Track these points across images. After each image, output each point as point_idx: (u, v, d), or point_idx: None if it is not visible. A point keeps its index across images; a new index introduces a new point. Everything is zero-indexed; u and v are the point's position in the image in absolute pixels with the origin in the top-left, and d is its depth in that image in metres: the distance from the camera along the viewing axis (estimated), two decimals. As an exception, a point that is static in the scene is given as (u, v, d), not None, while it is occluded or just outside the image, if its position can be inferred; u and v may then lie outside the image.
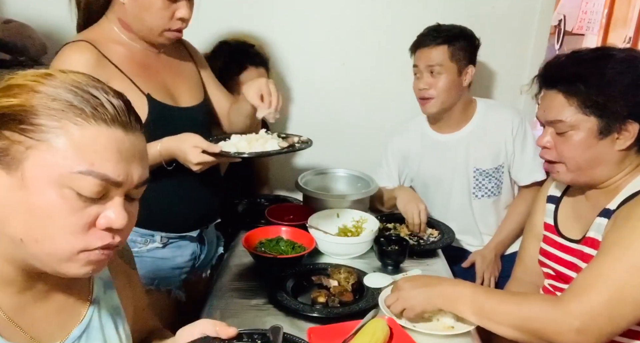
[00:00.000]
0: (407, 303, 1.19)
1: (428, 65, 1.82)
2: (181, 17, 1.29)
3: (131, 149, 0.67)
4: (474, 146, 1.89)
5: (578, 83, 1.12)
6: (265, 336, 0.90)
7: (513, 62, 2.20)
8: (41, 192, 0.62)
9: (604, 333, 1.01)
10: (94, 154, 0.63)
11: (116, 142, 0.65)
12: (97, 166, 0.63)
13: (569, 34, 4.23)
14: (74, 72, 0.68)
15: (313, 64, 2.21)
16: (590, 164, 1.15)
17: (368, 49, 2.19)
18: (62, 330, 0.76)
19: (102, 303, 0.82)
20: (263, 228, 1.64)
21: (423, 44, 1.84)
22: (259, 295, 1.38)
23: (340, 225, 1.71)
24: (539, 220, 1.38)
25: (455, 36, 1.82)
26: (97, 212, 0.65)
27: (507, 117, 1.87)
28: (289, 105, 2.28)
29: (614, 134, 1.11)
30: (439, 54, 1.81)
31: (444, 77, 1.81)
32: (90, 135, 0.63)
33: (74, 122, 0.63)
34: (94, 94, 0.65)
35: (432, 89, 1.82)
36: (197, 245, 1.52)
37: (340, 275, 1.41)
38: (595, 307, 1.00)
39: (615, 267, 1.01)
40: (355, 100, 2.25)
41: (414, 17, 2.08)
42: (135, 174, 0.68)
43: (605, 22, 3.96)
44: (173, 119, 1.35)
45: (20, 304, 0.70)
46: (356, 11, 2.16)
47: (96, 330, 0.79)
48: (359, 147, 2.23)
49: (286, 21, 2.16)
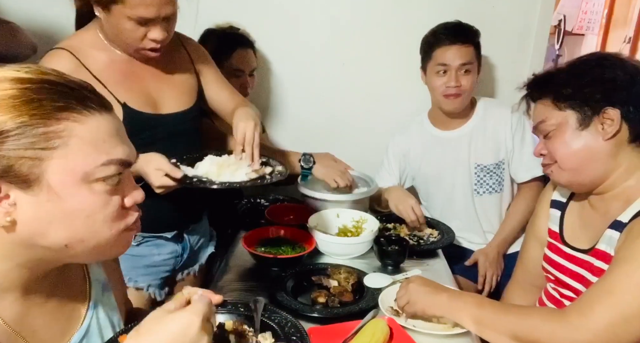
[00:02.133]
0: (412, 297, 1.20)
1: (462, 64, 1.83)
2: (153, 39, 1.27)
3: (121, 126, 0.70)
4: (474, 142, 1.91)
5: (550, 84, 1.19)
6: (248, 306, 0.95)
7: (513, 62, 2.20)
8: (73, 195, 0.64)
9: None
10: (104, 143, 0.66)
11: (112, 125, 0.68)
12: (112, 154, 0.66)
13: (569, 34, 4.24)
14: (17, 67, 0.64)
15: (313, 64, 2.21)
16: (581, 160, 1.14)
17: (368, 49, 2.19)
18: (63, 336, 0.75)
19: (100, 306, 0.82)
20: (263, 228, 1.65)
21: (451, 42, 1.83)
22: (259, 295, 1.37)
23: (340, 225, 1.71)
24: (542, 225, 1.37)
25: (476, 35, 1.88)
26: (122, 195, 0.69)
27: (506, 114, 1.90)
28: (289, 105, 2.28)
29: (596, 124, 1.12)
30: (470, 53, 1.84)
31: (472, 75, 1.85)
32: (93, 127, 0.65)
33: (73, 119, 0.63)
34: (65, 83, 0.65)
35: (462, 86, 1.84)
36: (177, 245, 1.51)
37: (340, 275, 1.41)
38: (601, 322, 0.97)
39: (625, 282, 0.98)
40: (355, 100, 2.25)
41: (415, 17, 2.08)
42: (133, 149, 0.71)
43: (605, 22, 3.96)
44: (150, 127, 1.35)
45: (20, 312, 0.70)
46: (356, 11, 2.16)
47: (95, 335, 0.79)
48: (359, 147, 2.23)
49: (286, 21, 2.16)
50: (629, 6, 3.72)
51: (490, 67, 2.22)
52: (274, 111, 2.29)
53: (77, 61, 1.27)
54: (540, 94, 1.21)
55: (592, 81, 1.12)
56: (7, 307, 0.68)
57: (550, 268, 1.30)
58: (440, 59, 1.85)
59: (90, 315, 0.79)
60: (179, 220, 1.50)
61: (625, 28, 3.71)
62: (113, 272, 0.90)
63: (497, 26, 2.14)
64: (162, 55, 1.37)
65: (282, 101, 2.28)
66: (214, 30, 1.96)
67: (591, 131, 1.12)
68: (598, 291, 1.02)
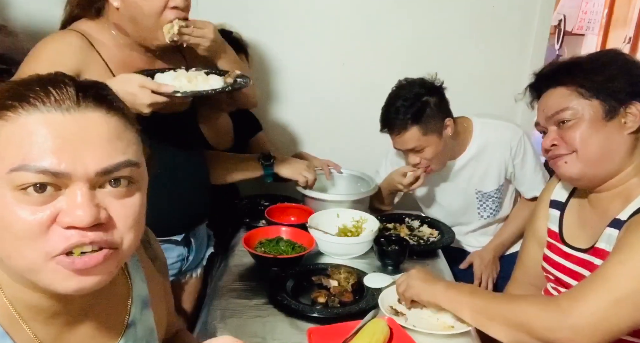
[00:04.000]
0: (410, 282, 1.26)
1: (408, 149, 1.72)
2: (175, 6, 1.23)
3: (80, 131, 0.57)
4: (473, 171, 1.84)
5: (575, 71, 1.14)
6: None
7: (513, 62, 2.20)
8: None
9: (598, 333, 0.98)
10: (28, 146, 0.55)
11: (54, 127, 0.56)
12: (31, 159, 0.55)
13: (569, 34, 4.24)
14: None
15: (313, 64, 2.21)
16: (603, 150, 1.12)
17: (368, 49, 2.19)
18: None
19: (138, 326, 0.77)
20: (263, 228, 1.65)
21: (392, 131, 1.70)
22: (259, 295, 1.38)
23: (340, 225, 1.71)
24: (541, 225, 1.36)
25: (419, 111, 1.65)
26: (55, 211, 0.57)
27: (505, 138, 1.79)
28: (289, 105, 2.28)
29: (620, 118, 1.10)
30: (414, 136, 1.67)
31: (428, 149, 1.69)
32: (20, 127, 0.56)
33: (4, 118, 0.57)
34: (21, 80, 0.59)
35: (423, 161, 1.72)
36: (183, 248, 1.50)
37: (340, 276, 1.41)
38: (591, 306, 0.98)
39: (619, 269, 0.99)
40: (355, 100, 2.25)
41: (415, 17, 2.09)
42: (89, 160, 0.57)
43: (605, 22, 3.96)
44: (157, 126, 1.31)
45: (53, 333, 0.66)
46: (357, 11, 2.16)
47: None
48: (359, 147, 2.23)
49: (286, 21, 2.16)
50: (629, 6, 3.72)
51: (490, 68, 2.22)
52: (274, 111, 2.29)
53: (89, 43, 1.23)
54: (561, 81, 1.15)
55: (620, 73, 1.10)
56: (39, 327, 0.65)
57: (550, 268, 1.30)
58: (393, 144, 1.76)
59: (127, 336, 0.75)
60: (187, 221, 1.49)
61: (625, 28, 3.71)
62: (157, 287, 0.84)
63: (497, 26, 2.14)
64: (166, 57, 1.37)
65: (282, 101, 2.28)
66: None
67: (615, 123, 1.10)
68: (591, 279, 1.03)
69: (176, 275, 1.52)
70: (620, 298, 0.97)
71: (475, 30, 2.12)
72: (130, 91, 1.14)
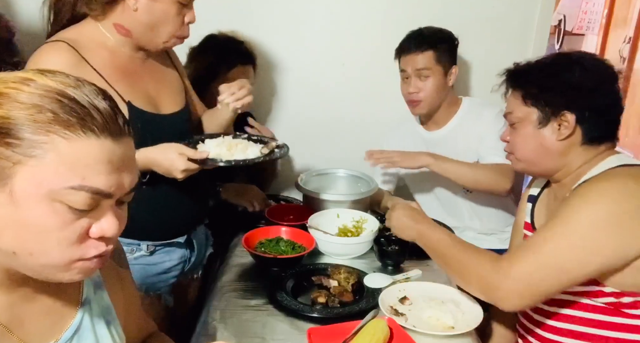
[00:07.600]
0: (393, 214, 1.44)
1: (416, 69, 1.86)
2: (190, 21, 1.31)
3: (122, 157, 0.65)
4: (456, 141, 1.93)
5: (521, 80, 1.27)
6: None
7: (513, 62, 2.19)
8: (32, 207, 0.61)
9: (526, 294, 1.10)
10: (85, 168, 0.62)
11: (107, 153, 0.63)
12: (88, 180, 0.62)
13: (569, 34, 4.23)
14: (53, 73, 0.65)
15: (313, 64, 2.21)
16: (535, 154, 1.24)
17: (368, 49, 2.19)
18: (53, 331, 0.75)
19: (92, 304, 0.81)
20: (263, 228, 1.65)
21: (409, 50, 1.88)
22: (259, 295, 1.38)
23: (340, 225, 1.71)
24: (521, 220, 1.44)
25: (439, 40, 1.87)
26: (89, 223, 0.65)
27: (489, 113, 1.89)
28: (289, 105, 2.29)
29: (554, 124, 1.20)
30: (426, 59, 1.85)
31: (432, 80, 1.86)
32: (80, 148, 0.61)
33: (62, 135, 0.60)
34: (80, 101, 0.62)
35: (421, 92, 1.88)
36: (186, 249, 1.50)
37: (340, 276, 1.41)
38: (521, 270, 1.09)
39: (546, 236, 1.11)
40: (355, 100, 2.26)
41: (414, 17, 2.08)
42: (126, 182, 0.66)
43: (605, 22, 3.96)
44: (154, 127, 1.33)
45: (7, 305, 0.69)
46: (356, 11, 2.16)
47: (88, 331, 0.79)
48: (359, 147, 2.21)
49: (286, 21, 2.16)
50: (629, 6, 3.71)
51: (490, 68, 2.20)
52: (274, 111, 2.30)
53: (78, 55, 1.22)
54: (515, 85, 1.28)
55: (558, 85, 1.20)
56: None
57: None
58: (401, 65, 1.92)
59: (81, 312, 0.78)
60: (189, 223, 1.49)
61: (625, 28, 3.70)
62: (110, 272, 0.88)
63: (497, 26, 2.14)
64: (154, 56, 1.38)
65: (282, 101, 2.29)
66: (216, 37, 1.93)
67: (548, 130, 1.21)
68: (525, 243, 1.17)
69: (178, 276, 1.51)
70: (546, 262, 1.08)
71: (475, 30, 2.12)
72: (169, 157, 1.25)
